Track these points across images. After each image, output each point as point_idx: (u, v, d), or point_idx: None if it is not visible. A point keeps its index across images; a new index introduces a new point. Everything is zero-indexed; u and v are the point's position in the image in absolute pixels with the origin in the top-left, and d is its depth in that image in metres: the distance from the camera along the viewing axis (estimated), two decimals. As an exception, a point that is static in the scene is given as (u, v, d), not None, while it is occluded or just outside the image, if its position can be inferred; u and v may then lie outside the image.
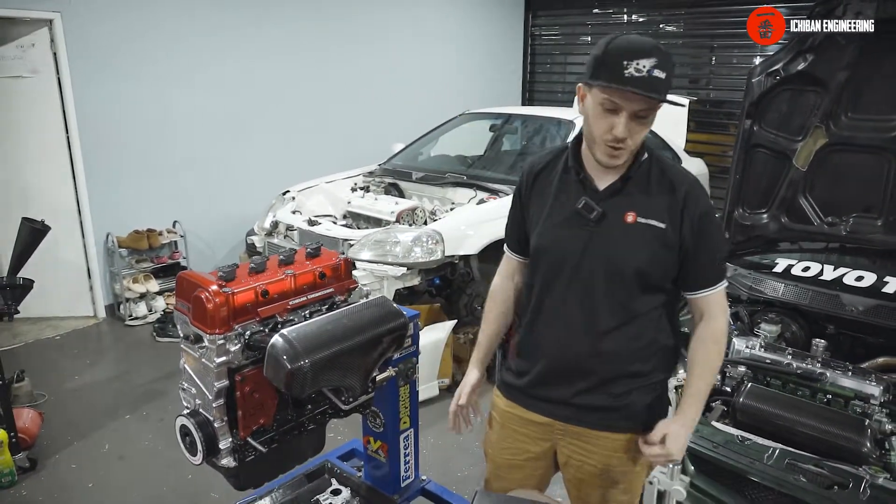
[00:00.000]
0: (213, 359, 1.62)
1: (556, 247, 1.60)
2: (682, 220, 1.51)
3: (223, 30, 5.38)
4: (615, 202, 1.54)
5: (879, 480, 1.83)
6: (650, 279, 1.54)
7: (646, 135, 1.48)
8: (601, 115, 1.43)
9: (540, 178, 1.67)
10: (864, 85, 2.64)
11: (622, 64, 1.35)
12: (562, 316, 1.61)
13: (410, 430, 2.37)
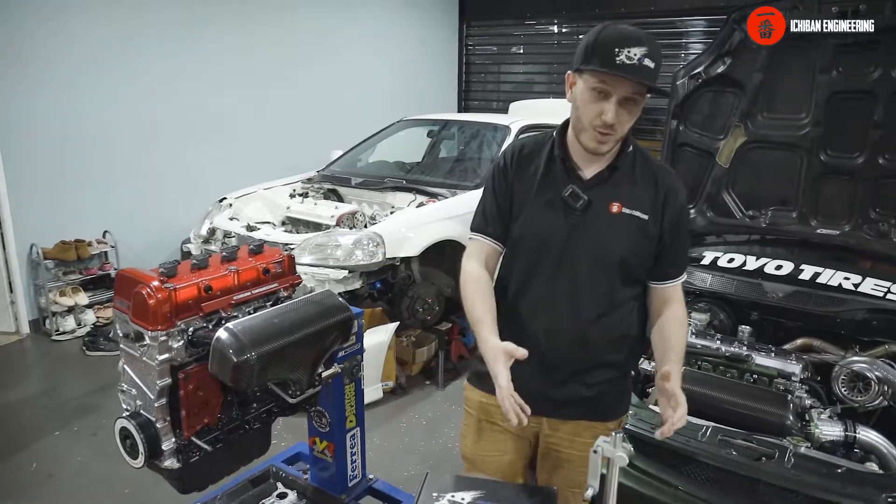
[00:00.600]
0: (155, 356, 1.58)
1: (541, 234, 1.58)
2: (664, 213, 1.55)
3: (154, 36, 5.22)
4: (601, 191, 1.55)
5: (802, 449, 1.97)
6: (632, 269, 1.57)
7: (633, 122, 1.49)
8: (591, 101, 1.44)
9: (524, 162, 1.64)
10: (776, 86, 2.83)
11: (614, 51, 1.37)
12: (547, 304, 1.59)
13: (357, 429, 2.36)
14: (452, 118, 5.69)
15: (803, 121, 2.81)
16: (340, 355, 2.11)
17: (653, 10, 6.99)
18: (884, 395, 2.19)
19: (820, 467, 1.88)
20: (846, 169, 2.76)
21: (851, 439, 2.07)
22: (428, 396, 3.72)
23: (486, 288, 1.64)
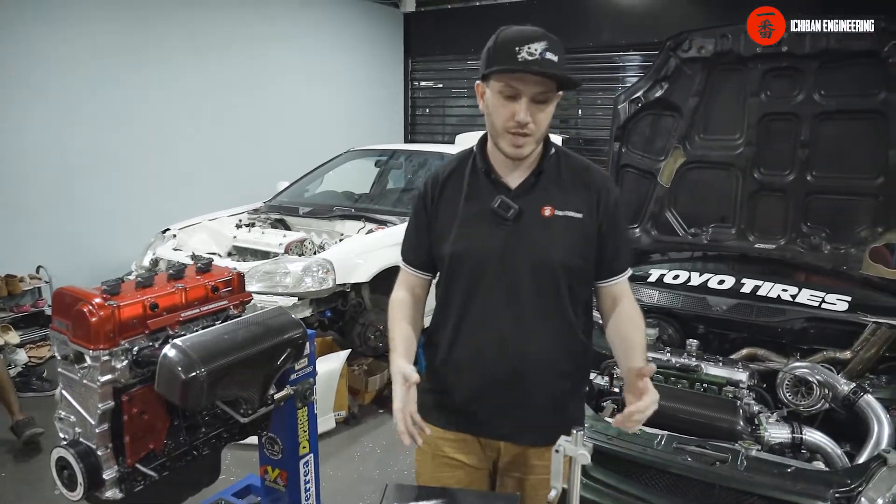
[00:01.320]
0: (97, 378, 1.51)
1: (474, 250, 1.52)
2: (598, 209, 1.51)
3: (91, 66, 5.09)
4: (530, 198, 1.51)
5: (753, 452, 2.01)
6: (574, 272, 1.52)
7: (549, 122, 1.46)
8: (502, 105, 1.41)
9: (447, 185, 1.59)
10: (711, 109, 2.98)
11: (514, 50, 1.35)
12: (492, 321, 1.52)
13: (310, 456, 2.29)
14: (399, 148, 5.73)
15: (737, 141, 2.95)
16: (293, 378, 2.06)
17: (591, 45, 7.28)
18: (825, 398, 2.27)
19: (771, 468, 1.92)
20: (778, 186, 2.90)
21: (798, 441, 2.13)
22: (381, 425, 3.64)
23: (406, 313, 1.64)
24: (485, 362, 1.53)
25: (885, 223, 2.71)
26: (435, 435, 1.60)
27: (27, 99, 4.70)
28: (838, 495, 1.80)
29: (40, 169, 4.82)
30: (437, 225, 1.59)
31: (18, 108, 4.66)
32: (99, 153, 5.20)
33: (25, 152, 4.72)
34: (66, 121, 4.95)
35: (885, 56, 2.52)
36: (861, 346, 2.48)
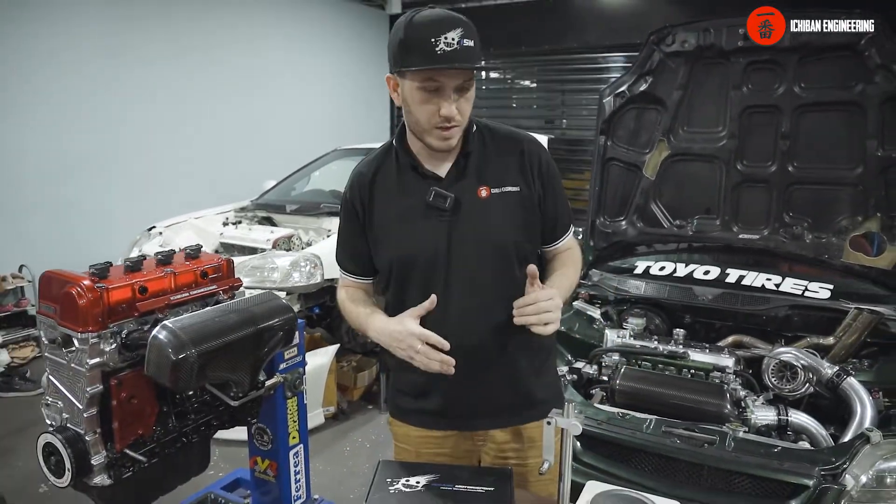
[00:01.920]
0: (86, 361, 1.49)
1: (420, 249, 1.47)
2: (533, 176, 1.48)
3: (75, 66, 5.07)
4: (463, 183, 1.46)
5: (740, 434, 2.04)
6: (524, 246, 1.48)
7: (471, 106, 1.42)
8: (424, 100, 1.35)
9: (376, 185, 1.52)
10: (694, 102, 3.02)
11: (431, 42, 1.27)
12: (451, 319, 1.46)
13: (300, 446, 2.27)
14: (386, 147, 5.74)
15: (720, 134, 3.00)
16: (282, 367, 2.05)
17: (575, 46, 7.35)
18: (810, 382, 2.31)
19: (758, 448, 1.95)
20: (761, 177, 2.95)
21: (784, 422, 2.17)
22: (371, 420, 3.64)
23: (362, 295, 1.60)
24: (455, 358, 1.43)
25: (864, 212, 2.76)
26: (415, 435, 1.60)
27: (14, 101, 4.67)
28: (824, 473, 1.84)
29: (23, 169, 4.80)
30: (373, 230, 1.52)
31: (4, 111, 4.62)
32: (83, 154, 5.17)
33: (10, 154, 4.69)
34: (52, 123, 4.93)
35: (861, 49, 2.58)
36: (843, 331, 2.52)
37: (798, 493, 1.82)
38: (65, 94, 5.00)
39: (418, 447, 1.60)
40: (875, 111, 2.62)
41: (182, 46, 5.98)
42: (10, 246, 4.68)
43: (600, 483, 1.26)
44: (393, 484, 1.24)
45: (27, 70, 4.77)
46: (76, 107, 5.08)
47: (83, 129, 5.14)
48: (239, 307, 1.69)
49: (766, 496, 1.87)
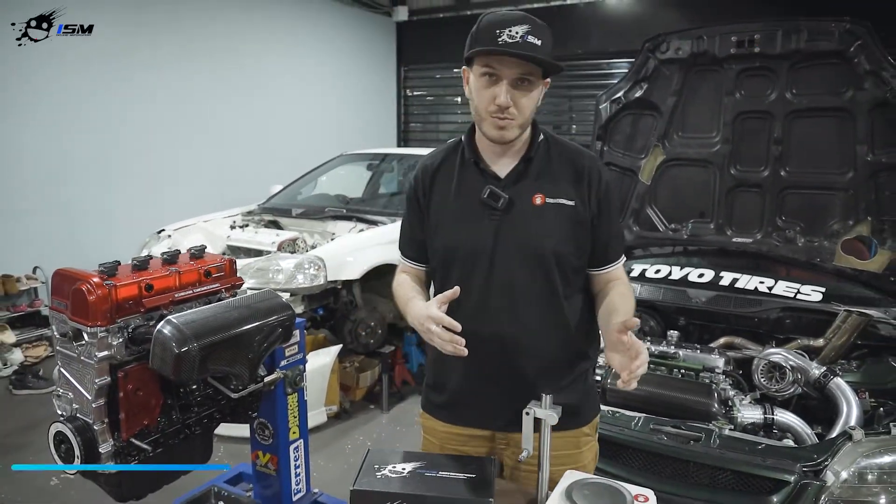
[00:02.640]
0: (94, 354, 1.57)
1: (466, 243, 1.50)
2: (589, 194, 1.48)
3: (93, 70, 5.21)
4: (520, 187, 1.49)
5: (726, 431, 2.10)
6: (568, 260, 1.49)
7: (533, 108, 1.45)
8: (483, 87, 1.40)
9: (438, 176, 1.58)
10: (689, 108, 3.09)
11: (495, 33, 1.35)
12: (484, 316, 1.49)
13: (300, 441, 2.34)
14: (391, 152, 5.83)
15: (714, 139, 3.05)
16: (283, 364, 2.13)
17: (580, 52, 7.43)
18: (797, 382, 2.36)
19: (742, 445, 2.01)
20: (754, 182, 3.01)
21: (770, 421, 2.22)
22: (372, 419, 3.71)
23: (411, 282, 1.63)
24: (483, 356, 1.49)
25: (855, 216, 2.81)
26: (440, 430, 1.62)
27: (24, 104, 4.80)
28: (806, 469, 1.89)
29: (37, 172, 4.92)
30: (430, 218, 1.57)
31: (15, 114, 4.75)
32: (94, 157, 5.29)
33: (23, 156, 4.82)
34: (63, 126, 5.05)
35: (850, 56, 2.63)
36: (833, 333, 2.57)
37: (780, 489, 1.87)
38: (77, 101, 5.12)
39: (443, 442, 1.63)
40: (864, 117, 2.68)
41: (191, 52, 6.10)
42: (24, 248, 4.80)
43: (577, 472, 1.32)
44: (380, 470, 1.31)
45: (41, 77, 4.89)
46: (88, 112, 5.20)
47: (95, 135, 5.26)
48: (239, 304, 1.77)
49: (749, 492, 1.92)
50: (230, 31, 6.54)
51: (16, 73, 4.72)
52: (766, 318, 2.74)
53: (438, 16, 8.60)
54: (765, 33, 2.78)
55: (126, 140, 5.52)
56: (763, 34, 2.79)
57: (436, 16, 8.62)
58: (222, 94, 6.44)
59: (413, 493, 1.23)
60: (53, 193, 5.01)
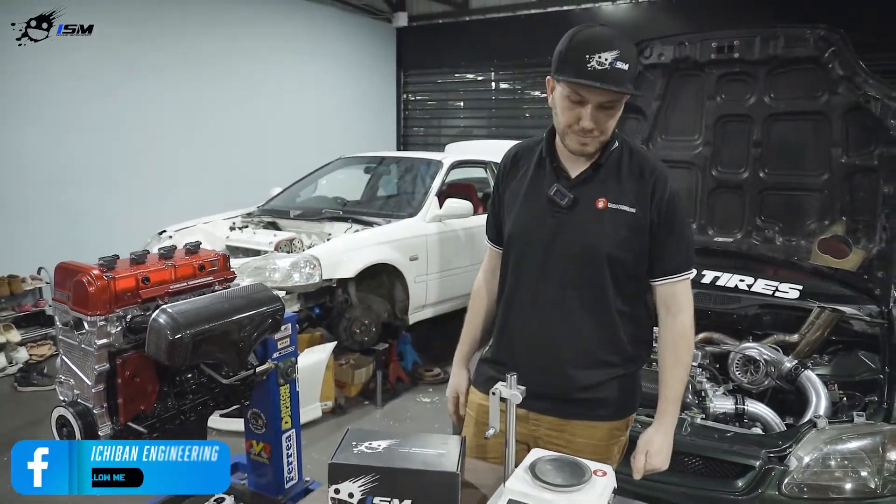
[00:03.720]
0: (94, 342, 1.68)
1: (527, 234, 1.59)
2: (651, 204, 1.51)
3: (95, 75, 5.33)
4: (587, 189, 1.54)
5: (697, 420, 2.19)
6: (622, 264, 1.53)
7: (615, 124, 1.50)
8: (568, 107, 1.45)
9: (518, 164, 1.67)
10: (672, 112, 3.18)
11: (585, 58, 1.37)
12: (535, 304, 1.58)
13: (292, 431, 2.45)
14: (389, 155, 5.95)
15: (696, 142, 3.16)
16: (276, 356, 2.23)
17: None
18: (770, 375, 2.45)
19: (712, 433, 2.10)
20: (734, 183, 3.10)
21: (741, 411, 2.31)
22: (367, 415, 3.81)
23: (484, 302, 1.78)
24: (530, 341, 1.60)
25: (831, 216, 2.90)
26: (477, 402, 1.70)
27: (29, 109, 4.92)
28: (771, 455, 1.98)
29: (42, 176, 5.05)
30: (504, 203, 1.68)
31: (21, 118, 4.88)
32: (96, 159, 5.43)
33: (26, 158, 4.94)
34: (67, 130, 5.18)
35: (824, 62, 2.72)
36: (807, 329, 2.65)
37: (745, 473, 1.96)
38: (80, 105, 5.25)
39: (479, 415, 1.70)
40: (839, 120, 2.77)
41: (194, 58, 6.23)
42: (29, 249, 4.93)
43: (542, 450, 1.42)
44: (357, 446, 1.41)
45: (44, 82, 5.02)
46: (91, 117, 5.33)
47: (98, 139, 5.39)
48: (231, 296, 1.88)
49: (717, 476, 2.02)
50: (233, 36, 6.67)
51: (16, 73, 4.82)
52: (745, 314, 2.83)
53: (437, 21, 8.73)
54: (744, 40, 2.88)
55: (127, 142, 5.65)
56: (742, 41, 2.89)
57: (435, 21, 8.75)
58: (225, 97, 6.57)
59: (385, 465, 1.33)
60: (57, 196, 5.14)
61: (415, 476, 1.33)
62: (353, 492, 1.34)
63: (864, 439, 1.98)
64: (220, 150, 6.54)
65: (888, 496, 1.90)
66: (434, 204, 4.57)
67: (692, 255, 1.61)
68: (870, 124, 2.67)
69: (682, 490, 1.99)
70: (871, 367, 2.44)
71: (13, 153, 4.85)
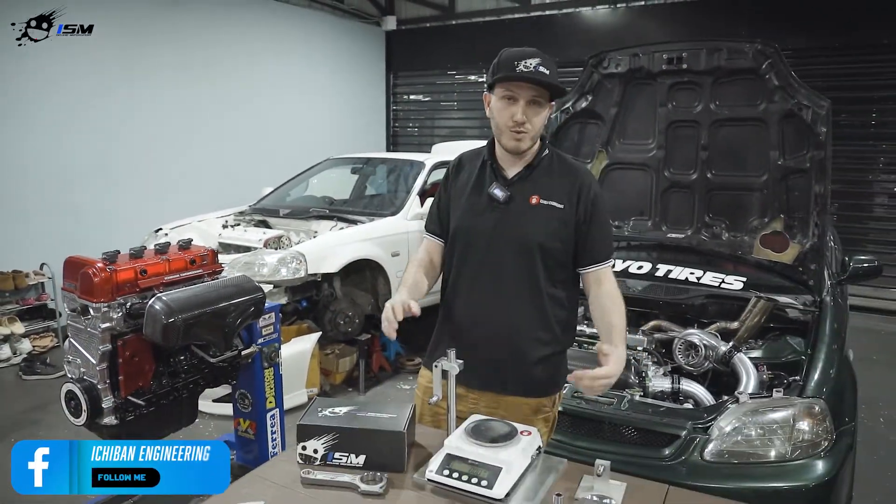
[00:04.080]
0: (99, 325, 1.95)
1: (470, 227, 1.82)
2: (578, 202, 1.76)
3: (94, 76, 5.56)
4: (521, 187, 1.79)
5: (636, 397, 2.45)
6: (552, 253, 1.77)
7: (542, 124, 1.75)
8: (503, 107, 1.72)
9: (463, 168, 1.92)
10: (628, 118, 3.43)
11: (514, 63, 1.67)
12: (475, 290, 1.81)
13: (276, 410, 2.72)
14: (374, 156, 6.19)
15: (650, 145, 3.41)
16: (260, 341, 2.49)
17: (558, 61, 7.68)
18: (709, 358, 2.71)
19: (647, 408, 2.36)
20: (685, 183, 3.36)
21: (676, 389, 2.57)
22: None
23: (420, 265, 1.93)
24: (472, 325, 1.83)
25: (771, 214, 3.16)
26: (423, 383, 1.92)
27: (29, 108, 5.13)
28: (695, 426, 2.24)
29: (43, 175, 5.29)
30: (451, 202, 1.91)
31: (23, 119, 5.09)
32: (97, 160, 5.66)
33: (28, 158, 5.17)
34: (66, 130, 5.41)
35: (763, 73, 2.98)
36: (746, 316, 2.91)
37: (672, 442, 2.22)
38: (79, 107, 5.47)
39: (424, 394, 1.90)
40: (776, 126, 3.02)
41: (188, 61, 6.45)
42: (33, 245, 5.15)
43: (480, 415, 1.68)
44: (322, 411, 1.67)
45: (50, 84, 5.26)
46: (91, 118, 5.55)
47: (97, 140, 5.61)
48: (217, 286, 2.15)
49: (649, 445, 2.27)
50: (229, 39, 6.90)
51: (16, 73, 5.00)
52: (692, 304, 3.08)
53: (425, 25, 8.96)
54: (691, 52, 3.13)
55: (126, 141, 5.87)
56: (689, 53, 3.14)
57: (423, 25, 8.98)
58: (221, 98, 6.80)
59: (343, 426, 1.59)
60: (58, 195, 5.37)
61: (368, 435, 1.59)
62: (317, 448, 1.60)
63: (778, 412, 2.23)
64: (215, 149, 6.78)
65: (797, 460, 2.16)
66: (416, 203, 4.82)
67: (612, 247, 1.88)
68: (802, 130, 2.92)
69: (618, 458, 2.22)
70: (798, 350, 2.70)
71: (14, 153, 5.06)
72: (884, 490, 3.17)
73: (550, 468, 1.60)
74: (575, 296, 1.89)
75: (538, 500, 1.46)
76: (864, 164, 6.50)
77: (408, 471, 1.59)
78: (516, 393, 1.84)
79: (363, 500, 1.47)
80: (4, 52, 4.91)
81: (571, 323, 1.91)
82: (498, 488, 1.43)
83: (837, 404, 2.33)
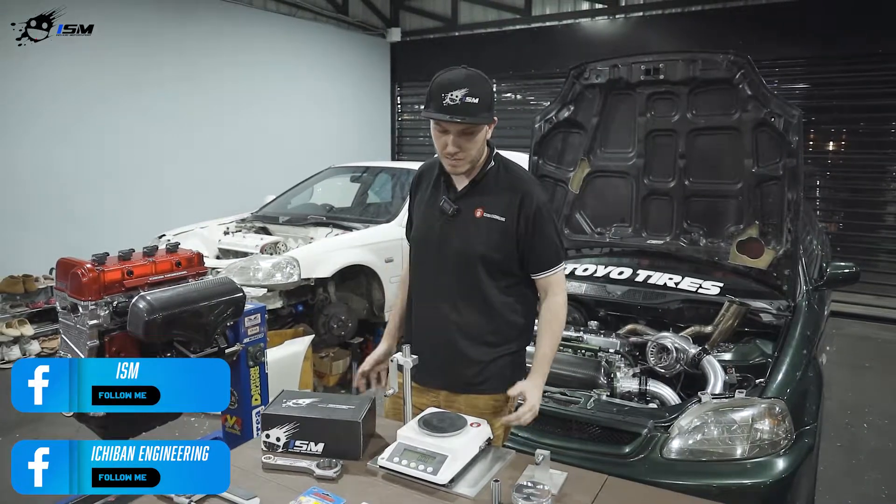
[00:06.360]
0: (87, 322, 2.09)
1: (424, 236, 1.95)
2: (519, 215, 1.85)
3: (103, 88, 5.76)
4: (468, 201, 1.89)
5: (603, 397, 2.54)
6: (495, 263, 1.87)
7: (479, 148, 1.82)
8: (437, 136, 1.81)
9: (423, 179, 2.03)
10: (609, 127, 3.52)
11: (441, 96, 1.71)
12: (428, 295, 1.95)
13: (262, 407, 2.84)
14: (374, 165, 6.34)
15: (630, 154, 3.49)
16: (246, 341, 2.62)
17: (558, 71, 7.87)
18: (679, 361, 2.79)
19: (612, 407, 2.45)
20: (664, 191, 3.44)
21: (644, 390, 2.66)
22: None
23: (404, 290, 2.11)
24: (426, 327, 1.96)
25: (746, 220, 3.22)
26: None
27: (34, 120, 5.33)
28: (657, 424, 2.33)
29: (53, 186, 5.50)
30: (412, 211, 2.06)
31: (23, 122, 5.27)
32: (101, 166, 5.88)
33: (31, 164, 5.37)
34: (69, 134, 5.60)
35: (736, 83, 3.06)
36: (720, 320, 2.99)
37: (633, 440, 2.31)
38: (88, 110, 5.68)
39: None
40: (749, 134, 3.09)
41: (193, 72, 6.66)
42: (43, 250, 5.31)
43: (434, 408, 1.79)
44: (286, 402, 1.78)
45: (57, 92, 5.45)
46: (97, 129, 5.77)
47: (105, 150, 5.83)
48: (199, 287, 2.28)
49: (611, 442, 2.36)
50: (234, 51, 7.11)
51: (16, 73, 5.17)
52: (668, 308, 3.17)
53: (430, 36, 9.14)
54: (668, 63, 3.22)
55: (131, 147, 6.06)
56: (666, 64, 3.22)
57: (427, 36, 9.16)
58: (225, 112, 7.01)
59: (304, 416, 1.71)
60: (68, 205, 5.59)
61: (326, 424, 1.71)
62: (280, 436, 1.72)
63: (739, 411, 2.32)
64: (222, 157, 6.99)
65: (755, 458, 2.24)
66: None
67: (561, 253, 1.97)
68: (775, 138, 3.00)
69: (583, 455, 2.31)
70: (766, 353, 2.78)
71: (14, 154, 5.23)
72: (856, 493, 3.22)
73: (498, 458, 1.71)
74: (530, 298, 1.99)
75: (479, 487, 1.56)
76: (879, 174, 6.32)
77: (364, 459, 1.70)
78: (467, 391, 1.94)
79: (318, 484, 1.58)
80: (4, 52, 5.03)
81: (523, 325, 1.99)
82: (442, 474, 1.54)
83: (799, 406, 2.41)
